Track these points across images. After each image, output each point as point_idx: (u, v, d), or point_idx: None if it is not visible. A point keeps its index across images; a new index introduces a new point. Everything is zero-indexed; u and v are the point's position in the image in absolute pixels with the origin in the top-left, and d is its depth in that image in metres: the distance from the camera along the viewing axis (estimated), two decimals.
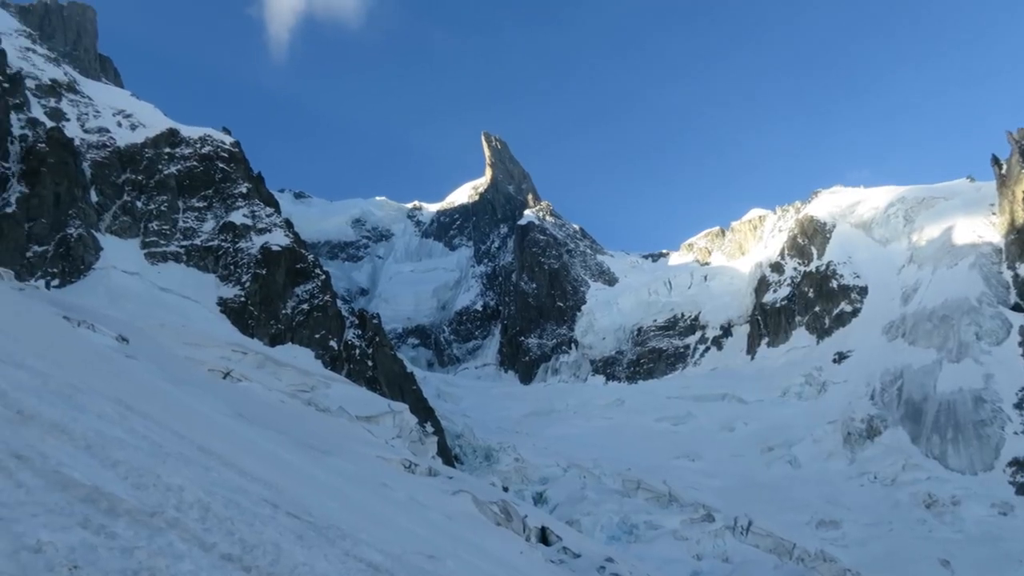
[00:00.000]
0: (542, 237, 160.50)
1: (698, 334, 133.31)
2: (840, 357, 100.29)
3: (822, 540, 53.96)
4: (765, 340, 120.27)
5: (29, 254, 70.49)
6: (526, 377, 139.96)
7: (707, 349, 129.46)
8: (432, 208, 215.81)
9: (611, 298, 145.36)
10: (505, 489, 56.08)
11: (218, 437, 15.85)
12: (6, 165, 74.24)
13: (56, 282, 69.71)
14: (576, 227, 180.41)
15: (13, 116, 79.76)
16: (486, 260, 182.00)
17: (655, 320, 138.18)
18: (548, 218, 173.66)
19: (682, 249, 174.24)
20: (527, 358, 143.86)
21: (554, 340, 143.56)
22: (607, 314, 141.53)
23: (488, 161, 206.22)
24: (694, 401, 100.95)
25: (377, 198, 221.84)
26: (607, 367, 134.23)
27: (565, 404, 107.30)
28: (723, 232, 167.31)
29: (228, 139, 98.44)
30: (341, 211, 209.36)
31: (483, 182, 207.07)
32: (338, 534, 9.01)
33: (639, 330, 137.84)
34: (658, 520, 52.21)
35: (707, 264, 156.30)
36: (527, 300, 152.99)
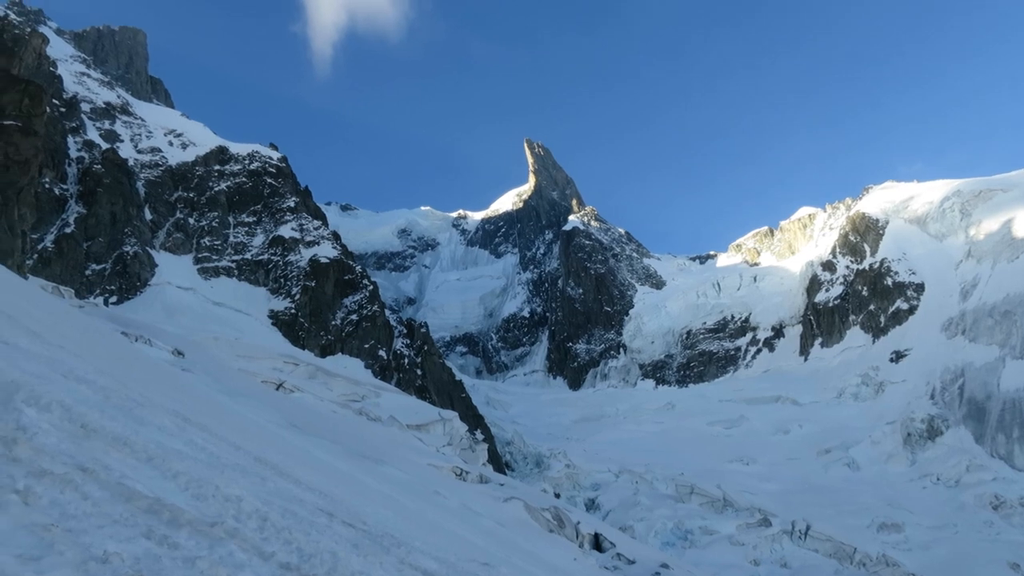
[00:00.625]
0: (587, 242, 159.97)
1: (749, 336, 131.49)
2: (897, 356, 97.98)
3: (884, 544, 52.63)
4: (818, 340, 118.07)
5: (88, 272, 72.64)
6: (575, 383, 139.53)
7: (759, 351, 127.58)
8: (477, 216, 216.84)
9: (659, 301, 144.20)
10: (557, 495, 55.90)
11: (273, 448, 16.09)
12: (64, 187, 76.64)
13: (114, 299, 71.66)
14: (621, 231, 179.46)
15: (70, 139, 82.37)
16: (532, 267, 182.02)
17: (704, 323, 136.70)
18: (593, 223, 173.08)
19: (730, 250, 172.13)
20: (575, 364, 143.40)
21: (602, 345, 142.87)
22: (655, 318, 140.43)
23: (531, 168, 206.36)
24: (747, 404, 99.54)
25: (422, 208, 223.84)
26: (656, 371, 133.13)
27: (615, 409, 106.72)
28: (772, 232, 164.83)
29: (275, 154, 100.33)
30: (387, 222, 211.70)
31: (527, 189, 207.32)
32: (393, 542, 9.07)
33: (688, 333, 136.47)
34: (713, 525, 51.52)
35: (756, 265, 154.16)
36: (574, 305, 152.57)
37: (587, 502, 61.61)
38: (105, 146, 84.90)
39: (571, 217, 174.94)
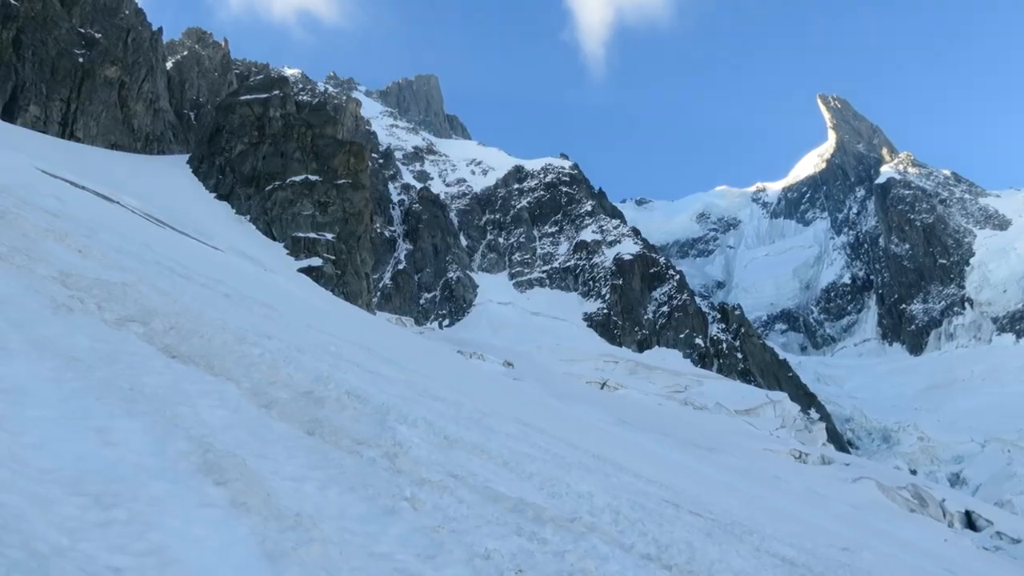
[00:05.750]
0: (907, 192, 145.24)
1: None
2: None
3: None
4: None
5: (422, 301, 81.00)
6: (915, 348, 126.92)
7: None
8: (776, 187, 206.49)
9: (1006, 244, 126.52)
10: (913, 472, 51.77)
11: (608, 444, 16.70)
12: (392, 229, 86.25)
13: (447, 322, 79.09)
14: (947, 172, 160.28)
15: (390, 185, 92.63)
16: (846, 229, 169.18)
17: None
18: (911, 170, 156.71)
19: None
20: (913, 327, 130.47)
21: (942, 302, 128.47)
22: (1004, 263, 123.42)
23: (829, 124, 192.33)
24: None
25: (717, 188, 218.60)
26: (1015, 323, 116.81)
27: (969, 372, 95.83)
28: None
29: (567, 163, 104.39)
30: (684, 208, 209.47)
31: (828, 147, 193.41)
32: (744, 530, 8.97)
33: None
34: None
35: None
36: (902, 264, 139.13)
37: (950, 477, 56.05)
38: (419, 186, 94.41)
39: (884, 168, 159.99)
